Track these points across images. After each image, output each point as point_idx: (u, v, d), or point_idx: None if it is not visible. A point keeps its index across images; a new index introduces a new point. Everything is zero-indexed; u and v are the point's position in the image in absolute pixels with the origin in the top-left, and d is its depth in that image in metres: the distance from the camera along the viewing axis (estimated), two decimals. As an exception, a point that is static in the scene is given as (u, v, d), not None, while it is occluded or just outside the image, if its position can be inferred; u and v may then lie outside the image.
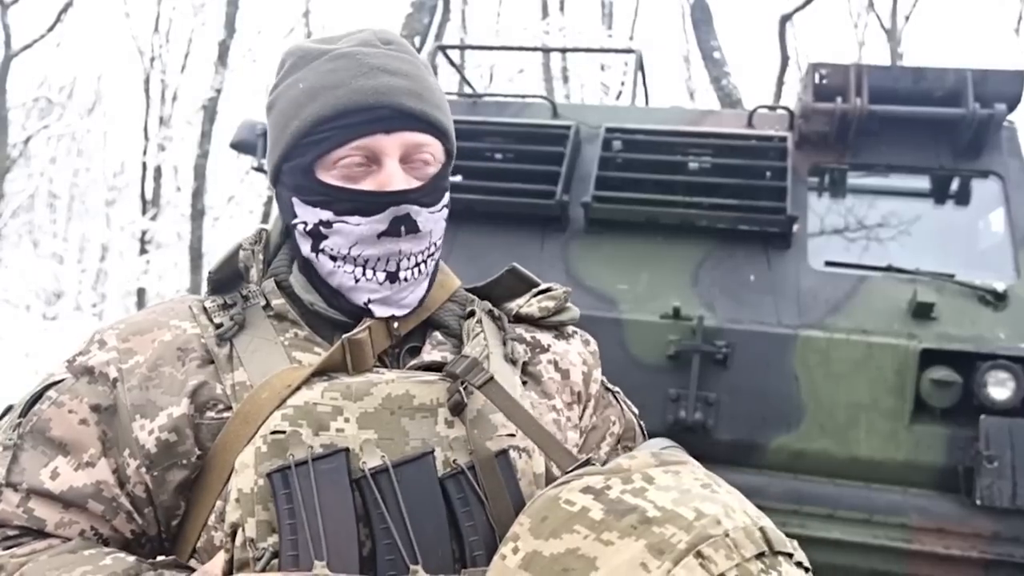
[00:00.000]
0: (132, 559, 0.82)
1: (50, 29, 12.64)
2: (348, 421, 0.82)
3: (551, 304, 1.02)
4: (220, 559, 0.79)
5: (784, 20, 9.02)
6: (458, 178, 3.40)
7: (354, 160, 0.86)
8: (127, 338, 0.89)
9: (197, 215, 11.54)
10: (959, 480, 2.65)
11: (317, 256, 0.90)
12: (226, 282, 0.94)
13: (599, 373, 1.06)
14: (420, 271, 0.91)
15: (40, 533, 0.84)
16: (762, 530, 0.71)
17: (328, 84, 0.86)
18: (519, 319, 1.01)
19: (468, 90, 4.62)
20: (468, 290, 1.03)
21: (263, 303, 0.92)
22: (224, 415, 0.84)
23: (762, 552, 0.69)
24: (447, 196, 0.93)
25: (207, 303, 0.92)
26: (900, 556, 2.61)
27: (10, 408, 0.90)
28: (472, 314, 0.97)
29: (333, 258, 0.89)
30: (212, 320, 0.90)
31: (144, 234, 15.76)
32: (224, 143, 3.58)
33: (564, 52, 12.62)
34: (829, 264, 3.03)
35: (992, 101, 3.04)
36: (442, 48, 4.42)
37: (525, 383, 0.96)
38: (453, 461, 0.84)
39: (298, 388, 0.83)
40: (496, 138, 3.53)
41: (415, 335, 0.95)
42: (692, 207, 3.09)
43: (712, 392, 2.81)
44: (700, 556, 0.66)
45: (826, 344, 2.79)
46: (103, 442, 0.85)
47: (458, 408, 0.86)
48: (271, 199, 16.23)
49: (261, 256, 0.95)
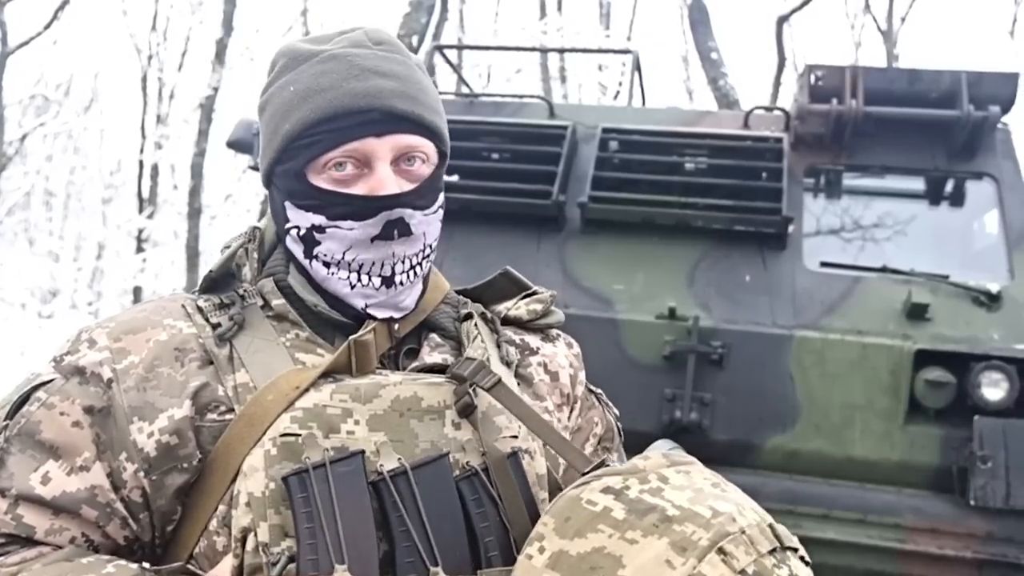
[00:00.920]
0: (135, 566, 0.80)
1: (47, 26, 12.62)
2: (358, 423, 0.82)
3: (538, 307, 1.03)
4: (227, 564, 0.77)
5: (781, 21, 9.04)
6: (455, 178, 3.40)
7: (346, 164, 0.85)
8: (119, 337, 0.86)
9: (194, 214, 11.52)
10: (953, 480, 2.66)
11: (311, 262, 0.89)
12: (218, 282, 0.93)
13: (583, 375, 1.07)
14: (415, 273, 0.91)
15: (28, 541, 0.81)
16: (771, 527, 0.73)
17: (318, 87, 0.85)
18: (507, 322, 1.02)
19: (465, 90, 4.62)
20: (459, 292, 1.03)
21: (260, 303, 0.90)
22: (226, 417, 0.83)
23: (774, 548, 0.71)
24: (441, 197, 0.93)
25: (200, 302, 0.90)
26: (894, 556, 2.62)
27: None
28: (469, 316, 0.98)
29: (327, 264, 0.88)
30: (208, 320, 0.88)
31: (141, 232, 15.73)
32: (221, 142, 3.58)
33: (562, 52, 12.63)
34: (824, 265, 3.04)
35: (986, 103, 3.06)
36: (440, 48, 4.43)
37: (518, 385, 0.96)
38: (466, 463, 0.84)
39: (306, 390, 0.82)
40: (493, 138, 3.53)
41: (411, 337, 0.95)
42: (688, 207, 3.10)
43: (708, 392, 2.82)
44: (722, 552, 0.68)
45: (821, 344, 2.80)
46: (97, 445, 0.82)
47: (467, 410, 0.86)
48: (267, 199, 16.11)
49: (256, 255, 0.94)
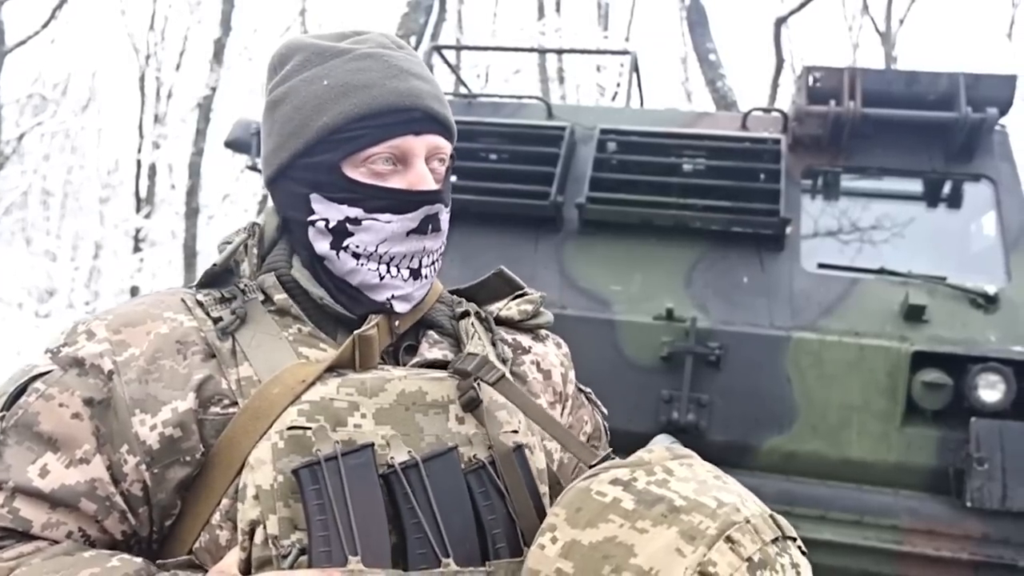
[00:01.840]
0: (140, 560, 0.80)
1: (44, 26, 12.59)
2: (365, 417, 0.83)
3: (529, 308, 1.05)
4: (235, 557, 0.77)
5: (779, 23, 9.05)
6: (453, 178, 3.39)
7: (383, 159, 0.88)
8: (118, 329, 0.86)
9: (191, 213, 11.50)
10: (950, 482, 2.67)
11: (338, 254, 0.89)
12: (215, 277, 0.93)
13: (573, 374, 1.09)
14: (435, 268, 0.95)
15: (25, 535, 0.80)
16: (772, 517, 0.76)
17: (360, 83, 0.87)
18: (499, 322, 1.03)
19: (464, 90, 4.62)
20: (452, 292, 1.05)
21: (261, 298, 0.91)
22: (230, 411, 0.83)
23: (776, 537, 0.74)
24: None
25: (200, 296, 0.90)
26: (891, 557, 2.62)
27: None
28: (466, 314, 0.99)
29: (356, 256, 0.89)
30: (209, 314, 0.88)
31: (138, 232, 15.71)
32: (219, 141, 3.58)
33: (560, 53, 12.63)
34: (822, 266, 3.04)
35: (984, 105, 3.06)
36: (438, 48, 4.42)
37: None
38: (473, 456, 0.86)
39: (312, 383, 0.83)
40: (491, 139, 3.53)
41: (409, 334, 0.96)
42: (686, 209, 3.10)
43: (705, 393, 2.82)
44: (730, 540, 0.71)
45: (818, 346, 2.80)
46: (97, 437, 0.81)
47: (472, 404, 0.87)
48: (266, 197, 16.21)
49: (255, 251, 0.94)
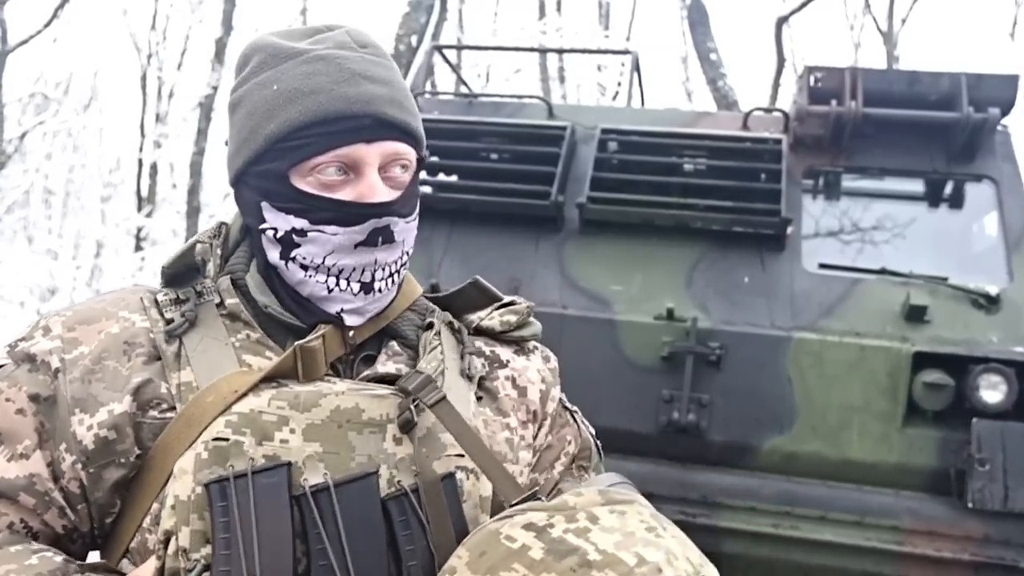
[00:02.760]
0: (59, 559, 0.79)
1: (46, 25, 12.60)
2: (293, 432, 0.79)
3: (513, 318, 1.00)
4: (151, 565, 0.77)
5: (780, 22, 9.03)
6: (453, 178, 3.40)
7: (332, 168, 0.84)
8: (73, 327, 0.86)
9: (193, 212, 11.51)
10: (951, 483, 2.66)
11: (287, 264, 0.87)
12: (182, 275, 0.91)
13: (558, 391, 1.04)
14: (393, 281, 0.91)
15: None
16: None
17: (307, 89, 0.83)
18: (479, 331, 1.00)
19: (464, 90, 4.62)
20: (429, 299, 1.01)
21: (217, 300, 0.89)
22: (167, 415, 0.82)
23: None
24: (418, 204, 0.93)
25: (159, 296, 0.89)
26: (892, 558, 2.62)
27: None
28: (430, 326, 0.95)
29: (304, 267, 0.87)
30: (163, 315, 0.87)
31: (139, 231, 15.71)
32: (220, 140, 3.57)
33: (560, 53, 12.62)
34: (823, 266, 3.03)
35: (986, 105, 3.05)
36: (439, 48, 4.42)
37: (480, 399, 0.94)
38: (398, 482, 0.81)
39: (245, 394, 0.81)
40: (492, 138, 3.53)
41: (371, 343, 0.92)
42: (687, 209, 3.09)
43: (705, 393, 2.82)
44: None
45: (819, 346, 2.79)
46: (40, 434, 0.82)
47: (407, 426, 0.83)
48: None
49: (219, 251, 0.93)
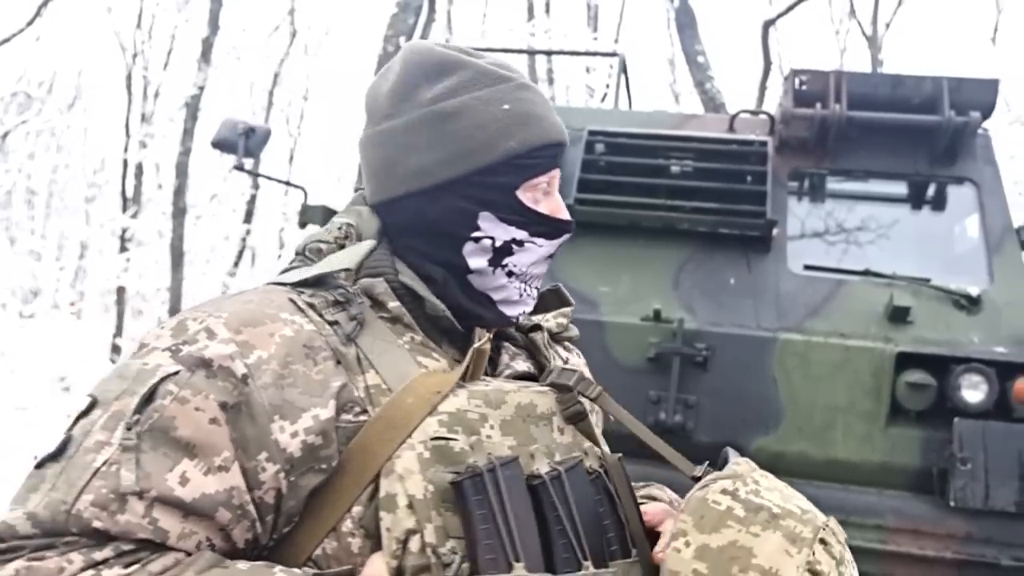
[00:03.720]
0: (299, 571, 0.79)
1: (30, 23, 12.47)
2: (492, 428, 0.86)
3: (564, 321, 1.11)
4: (382, 564, 0.77)
5: (767, 26, 9.09)
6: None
7: (543, 187, 0.94)
8: (239, 329, 0.82)
9: (179, 213, 11.43)
10: (933, 482, 2.69)
11: (494, 270, 0.94)
12: (318, 279, 0.90)
13: None
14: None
15: (160, 546, 0.76)
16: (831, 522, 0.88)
17: (535, 114, 0.92)
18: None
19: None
20: None
21: (369, 303, 0.91)
22: (360, 418, 0.83)
23: (842, 538, 0.87)
24: None
25: (308, 298, 0.87)
26: (876, 557, 2.64)
27: (95, 402, 0.79)
28: (538, 328, 1.05)
29: (511, 274, 0.95)
30: (323, 317, 0.86)
31: (124, 232, 15.59)
32: (207, 141, 3.54)
33: (549, 55, 12.64)
34: (808, 268, 3.06)
35: (967, 109, 3.09)
36: (426, 49, 4.41)
37: None
38: (589, 466, 0.91)
39: (446, 395, 0.85)
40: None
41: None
42: (674, 210, 3.11)
43: (692, 394, 2.83)
44: (823, 543, 0.83)
45: (804, 347, 2.82)
46: (235, 443, 0.78)
47: (578, 417, 0.94)
48: (254, 197, 16.10)
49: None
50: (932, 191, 3.30)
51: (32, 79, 16.39)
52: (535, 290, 0.99)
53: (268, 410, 0.79)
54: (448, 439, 0.82)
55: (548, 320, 1.08)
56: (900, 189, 3.34)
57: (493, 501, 0.79)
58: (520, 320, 0.98)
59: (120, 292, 15.12)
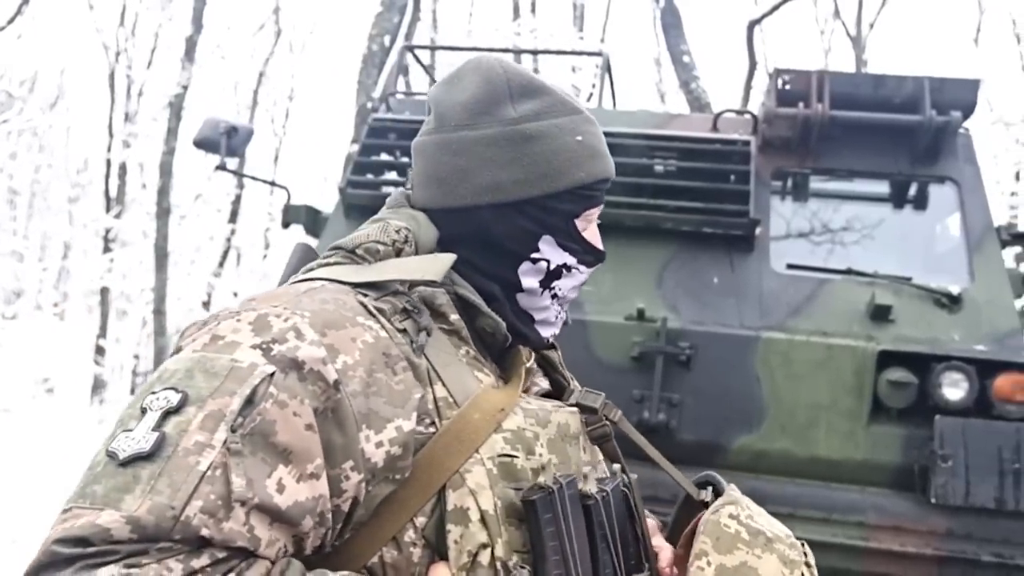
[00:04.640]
0: None
1: (11, 21, 12.34)
2: (543, 447, 0.88)
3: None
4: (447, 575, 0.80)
5: (752, 26, 9.14)
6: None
7: (593, 219, 1.00)
8: (324, 332, 0.79)
9: (163, 213, 11.34)
10: (915, 479, 2.70)
11: (542, 292, 0.98)
12: (382, 284, 0.89)
13: None
14: None
15: (250, 554, 0.72)
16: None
17: (600, 149, 0.98)
18: None
19: (437, 90, 4.59)
20: None
21: (428, 313, 0.90)
22: (430, 430, 0.83)
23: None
24: None
25: (375, 302, 0.86)
26: (857, 554, 2.65)
27: (186, 398, 0.73)
28: (553, 346, 1.07)
29: (555, 296, 1.00)
30: (393, 324, 0.85)
31: (108, 232, 15.46)
32: (190, 140, 3.51)
33: (534, 54, 12.64)
34: (791, 267, 3.07)
35: (948, 108, 3.11)
36: (411, 48, 4.40)
37: None
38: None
39: (508, 412, 0.88)
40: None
41: None
42: (657, 210, 3.11)
43: (675, 393, 2.83)
44: (808, 566, 0.94)
45: (787, 346, 2.82)
46: (325, 450, 0.76)
47: (605, 439, 0.98)
48: (239, 197, 16.01)
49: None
50: (914, 190, 3.32)
51: (14, 78, 16.22)
52: (566, 314, 1.04)
53: (357, 419, 0.78)
54: (512, 456, 0.85)
55: None
56: (882, 188, 3.36)
57: (560, 519, 0.83)
58: (550, 341, 1.02)
59: (104, 293, 15.00)
